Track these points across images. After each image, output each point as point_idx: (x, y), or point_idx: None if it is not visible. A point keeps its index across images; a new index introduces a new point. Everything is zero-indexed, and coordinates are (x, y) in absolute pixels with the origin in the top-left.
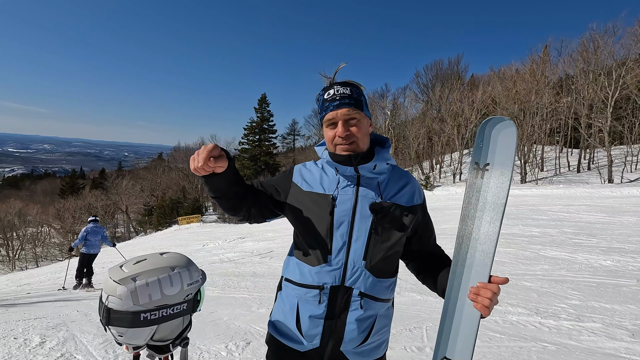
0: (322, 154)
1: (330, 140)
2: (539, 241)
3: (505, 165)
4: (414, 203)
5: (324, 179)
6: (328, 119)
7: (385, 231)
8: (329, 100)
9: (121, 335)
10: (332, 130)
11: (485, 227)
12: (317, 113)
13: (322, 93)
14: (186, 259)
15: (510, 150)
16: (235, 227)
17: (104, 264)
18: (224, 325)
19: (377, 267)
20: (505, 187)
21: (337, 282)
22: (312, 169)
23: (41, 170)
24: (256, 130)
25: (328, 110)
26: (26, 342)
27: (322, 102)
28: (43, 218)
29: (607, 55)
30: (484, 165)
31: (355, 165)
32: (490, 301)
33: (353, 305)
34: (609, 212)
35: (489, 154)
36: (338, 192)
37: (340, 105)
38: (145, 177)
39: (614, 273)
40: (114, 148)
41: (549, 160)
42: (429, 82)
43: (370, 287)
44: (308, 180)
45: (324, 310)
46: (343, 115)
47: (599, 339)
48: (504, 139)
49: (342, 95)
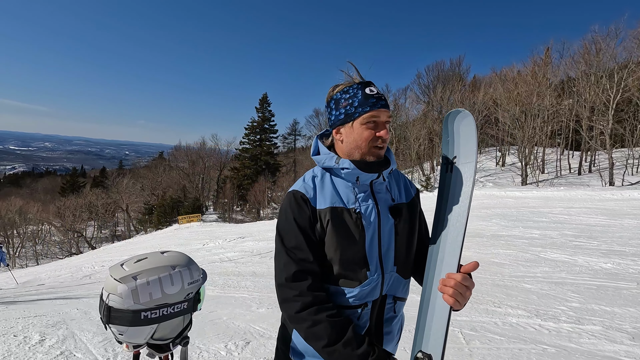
0: (338, 163)
1: (366, 141)
2: (539, 243)
3: (469, 155)
4: (412, 196)
5: (340, 192)
6: (371, 116)
7: (404, 232)
8: (374, 97)
9: (121, 334)
10: (370, 131)
11: (454, 217)
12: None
13: (358, 86)
14: (187, 258)
15: (472, 139)
16: (236, 227)
17: (104, 262)
18: (223, 324)
19: (404, 269)
20: (471, 176)
21: (378, 295)
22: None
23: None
24: (257, 130)
25: (373, 108)
26: (26, 339)
27: (363, 96)
28: (43, 216)
29: (609, 58)
30: (452, 159)
31: (381, 171)
32: (454, 290)
33: (388, 312)
34: (610, 214)
35: (455, 147)
36: (360, 205)
37: (385, 106)
38: (146, 176)
39: (614, 276)
40: (115, 147)
41: (550, 163)
42: (430, 83)
43: (402, 289)
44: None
45: (366, 325)
46: (386, 117)
47: (599, 341)
48: (465, 129)
49: (381, 96)
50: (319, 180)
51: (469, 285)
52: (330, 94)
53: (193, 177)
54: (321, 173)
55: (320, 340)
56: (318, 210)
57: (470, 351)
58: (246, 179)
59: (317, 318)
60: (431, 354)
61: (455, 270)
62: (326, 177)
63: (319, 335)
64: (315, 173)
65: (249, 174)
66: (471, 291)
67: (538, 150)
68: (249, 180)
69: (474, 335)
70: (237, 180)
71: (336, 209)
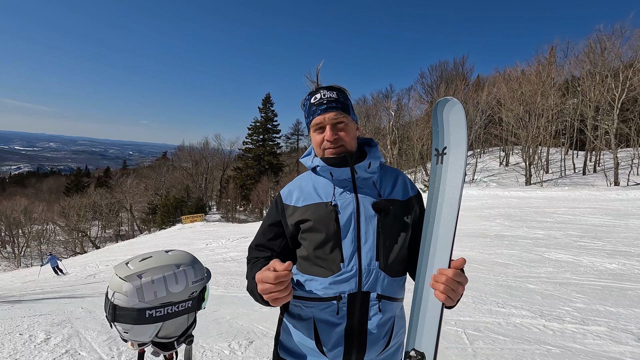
0: (313, 162)
1: (318, 145)
2: (543, 243)
3: (460, 145)
4: (409, 195)
5: (318, 189)
6: (316, 123)
7: (391, 229)
8: (316, 105)
9: (126, 332)
10: (320, 135)
11: (445, 211)
12: (305, 118)
13: (308, 97)
14: (191, 256)
15: (461, 128)
16: (239, 227)
17: (108, 262)
18: (226, 324)
19: (391, 266)
20: (461, 167)
21: (354, 289)
22: (301, 184)
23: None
24: (260, 130)
25: (315, 115)
26: (31, 338)
27: (309, 106)
28: (48, 216)
29: (614, 57)
30: (443, 150)
31: (351, 165)
32: (445, 286)
33: (372, 310)
34: (615, 215)
35: (445, 137)
36: (336, 198)
37: (328, 109)
38: (150, 176)
39: (619, 276)
40: (119, 147)
41: (554, 162)
42: (434, 82)
43: (387, 287)
44: (301, 195)
45: (344, 321)
46: (331, 120)
47: (604, 342)
48: (455, 117)
49: (329, 99)
50: (303, 181)
51: (462, 281)
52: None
53: (196, 177)
54: (308, 174)
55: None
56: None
57: (474, 351)
58: (249, 178)
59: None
60: (424, 352)
61: (446, 265)
62: (310, 176)
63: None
64: (303, 175)
65: (252, 174)
66: (464, 287)
67: (542, 150)
68: (252, 180)
69: (477, 336)
70: (240, 180)
71: (312, 205)
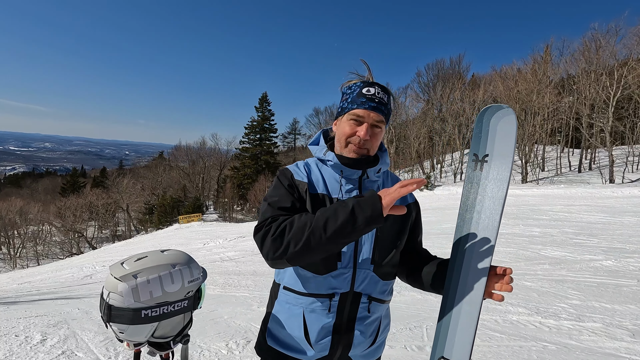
0: (325, 155)
1: (345, 134)
2: (539, 241)
3: (506, 155)
4: (408, 202)
5: (327, 181)
6: (357, 114)
7: (388, 233)
8: (367, 98)
9: (122, 332)
10: (353, 127)
11: (484, 220)
12: (343, 100)
13: (360, 85)
14: (187, 256)
15: (510, 139)
16: (236, 226)
17: (104, 262)
18: (224, 323)
19: (383, 270)
20: (506, 179)
21: (347, 289)
22: (311, 169)
23: (42, 168)
24: (257, 129)
25: (361, 107)
26: (27, 339)
27: (358, 94)
28: (44, 216)
29: (609, 55)
30: (483, 157)
31: (365, 169)
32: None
33: (361, 311)
34: (610, 212)
35: (488, 145)
36: (343, 195)
37: (376, 109)
38: (146, 176)
39: (614, 273)
40: (115, 146)
41: (550, 160)
42: (430, 81)
43: (378, 290)
44: (311, 179)
45: (333, 318)
46: (373, 119)
47: (600, 338)
48: (504, 127)
49: (380, 100)
50: (309, 167)
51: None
52: (341, 88)
53: (193, 176)
54: (314, 162)
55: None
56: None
57: None
58: (246, 178)
59: (292, 219)
60: None
61: (486, 272)
62: (317, 165)
63: (304, 224)
64: (308, 162)
65: (249, 173)
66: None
67: (538, 148)
68: (249, 179)
69: None
70: (237, 180)
71: (318, 195)
